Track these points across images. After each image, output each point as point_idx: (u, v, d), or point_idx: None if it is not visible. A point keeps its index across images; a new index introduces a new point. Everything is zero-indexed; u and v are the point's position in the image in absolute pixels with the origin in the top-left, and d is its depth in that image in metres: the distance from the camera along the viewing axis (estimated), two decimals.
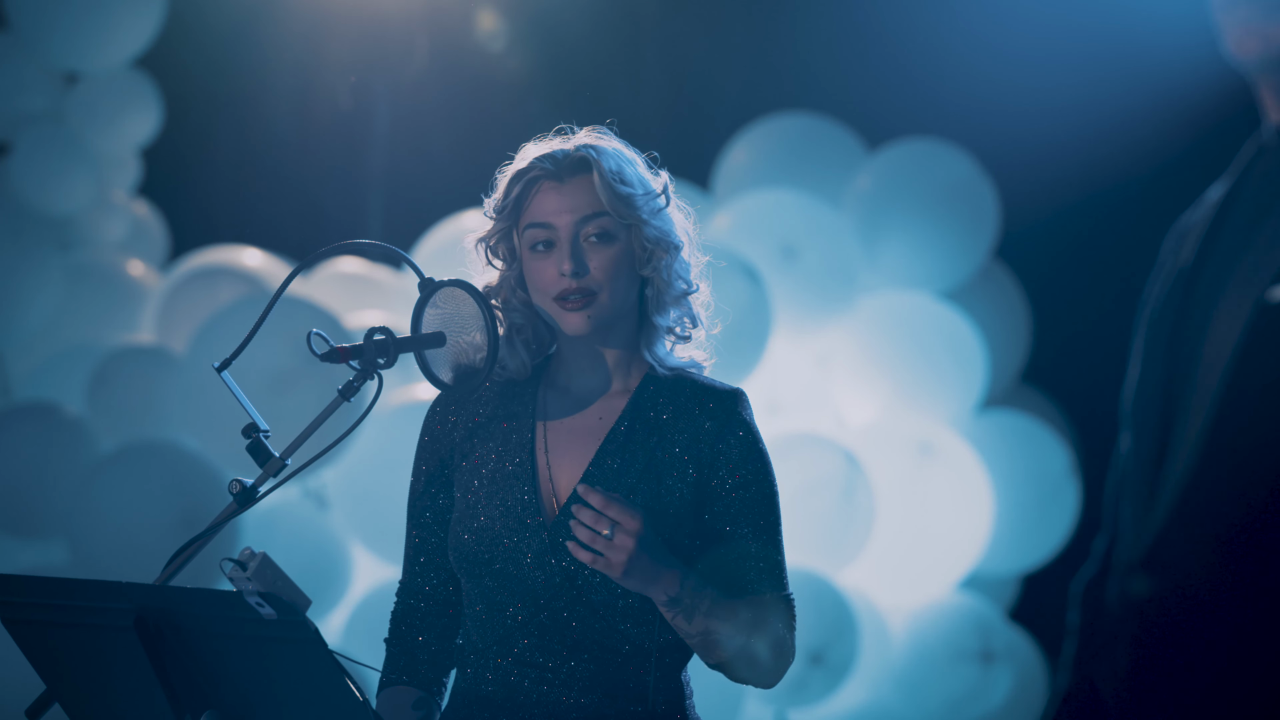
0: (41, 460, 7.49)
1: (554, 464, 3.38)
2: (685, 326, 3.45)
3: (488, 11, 10.02)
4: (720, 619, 3.23)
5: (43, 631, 3.14)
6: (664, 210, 3.39)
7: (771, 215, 8.32)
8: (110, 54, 8.64)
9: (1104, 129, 8.49)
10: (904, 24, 9.33)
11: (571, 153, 3.36)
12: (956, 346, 8.32)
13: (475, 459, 3.42)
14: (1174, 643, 1.91)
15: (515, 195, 3.37)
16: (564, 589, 3.29)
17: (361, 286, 8.51)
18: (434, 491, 3.47)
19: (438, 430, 3.50)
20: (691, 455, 3.34)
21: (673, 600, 3.19)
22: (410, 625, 3.49)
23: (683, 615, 3.21)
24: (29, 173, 8.53)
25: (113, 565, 6.82)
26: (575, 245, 3.32)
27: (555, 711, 3.30)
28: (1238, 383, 1.88)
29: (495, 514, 3.35)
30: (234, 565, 2.91)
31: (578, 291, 3.30)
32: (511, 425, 3.43)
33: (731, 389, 3.43)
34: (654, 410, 3.38)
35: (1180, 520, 1.93)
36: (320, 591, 7.32)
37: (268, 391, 6.89)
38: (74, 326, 8.47)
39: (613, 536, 3.11)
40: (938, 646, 8.02)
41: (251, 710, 3.01)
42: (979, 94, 8.95)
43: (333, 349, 3.23)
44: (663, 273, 3.38)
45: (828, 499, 7.65)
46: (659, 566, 3.16)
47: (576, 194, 3.33)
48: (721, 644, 3.24)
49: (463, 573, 3.38)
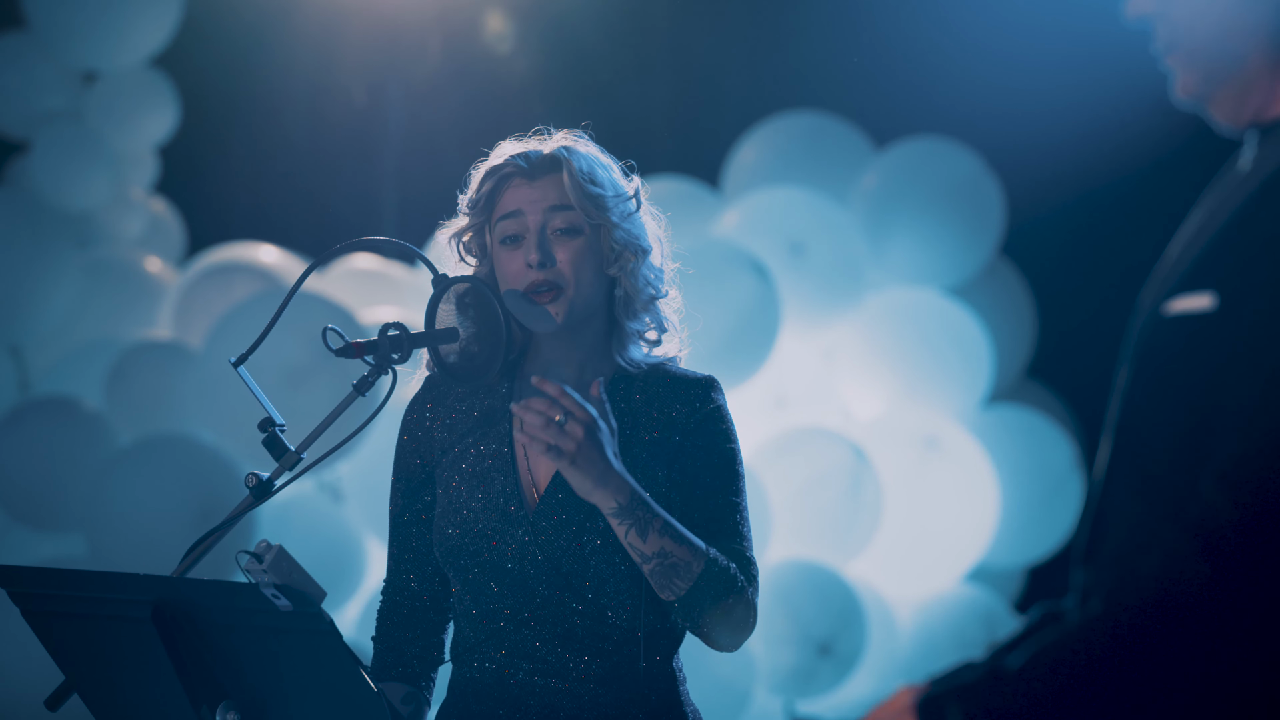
0: (60, 454, 7.50)
1: (532, 456, 3.37)
2: (655, 333, 3.43)
3: (499, 13, 10.06)
4: (675, 541, 3.18)
5: (62, 623, 3.14)
6: (634, 214, 3.39)
7: (780, 212, 8.36)
8: (128, 53, 8.68)
9: (1108, 127, 8.48)
10: (910, 25, 9.36)
11: (544, 152, 3.37)
12: (962, 342, 8.38)
13: (455, 454, 3.43)
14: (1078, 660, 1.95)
15: (487, 190, 3.39)
16: (549, 577, 3.28)
17: (376, 283, 8.55)
18: (416, 489, 3.48)
19: (416, 429, 3.50)
20: (665, 441, 3.35)
21: (621, 509, 3.14)
22: (397, 622, 3.49)
23: (635, 529, 3.15)
24: (48, 170, 8.56)
25: (130, 557, 6.84)
26: (542, 236, 3.31)
27: (549, 701, 3.31)
28: (1132, 396, 1.94)
29: (477, 506, 3.35)
30: (250, 558, 2.94)
31: (545, 283, 3.30)
32: (489, 420, 3.43)
33: (704, 376, 3.41)
34: (626, 401, 3.37)
35: (1091, 535, 1.99)
36: (335, 583, 7.37)
37: (283, 386, 6.92)
38: (92, 322, 8.50)
39: (564, 424, 3.10)
40: (944, 638, 8.05)
41: (267, 700, 3.00)
42: (984, 93, 8.96)
43: (347, 344, 3.25)
44: (631, 276, 3.37)
45: (835, 492, 7.68)
46: (609, 465, 3.12)
47: (546, 188, 3.34)
48: (680, 571, 3.18)
49: (449, 567, 3.38)
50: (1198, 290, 1.90)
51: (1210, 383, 1.87)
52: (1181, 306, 1.91)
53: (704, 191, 8.74)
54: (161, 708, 3.08)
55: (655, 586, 3.23)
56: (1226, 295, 1.87)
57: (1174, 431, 1.89)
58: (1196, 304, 1.89)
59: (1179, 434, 1.89)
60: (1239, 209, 1.90)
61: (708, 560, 3.21)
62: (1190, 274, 1.92)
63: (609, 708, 3.31)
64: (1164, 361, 1.92)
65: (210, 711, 2.99)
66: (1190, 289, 1.91)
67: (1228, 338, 1.86)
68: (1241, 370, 1.84)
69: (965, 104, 9.06)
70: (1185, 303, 1.91)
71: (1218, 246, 1.91)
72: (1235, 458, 1.84)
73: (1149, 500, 1.90)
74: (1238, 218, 1.90)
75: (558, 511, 3.31)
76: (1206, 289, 1.89)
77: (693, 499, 3.33)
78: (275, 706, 3.01)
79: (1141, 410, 1.93)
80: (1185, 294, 1.91)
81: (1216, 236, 1.91)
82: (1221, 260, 1.90)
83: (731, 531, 3.32)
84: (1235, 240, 1.89)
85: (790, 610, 7.51)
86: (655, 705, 3.34)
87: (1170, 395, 1.90)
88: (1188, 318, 1.90)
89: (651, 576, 3.21)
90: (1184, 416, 1.88)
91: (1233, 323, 1.86)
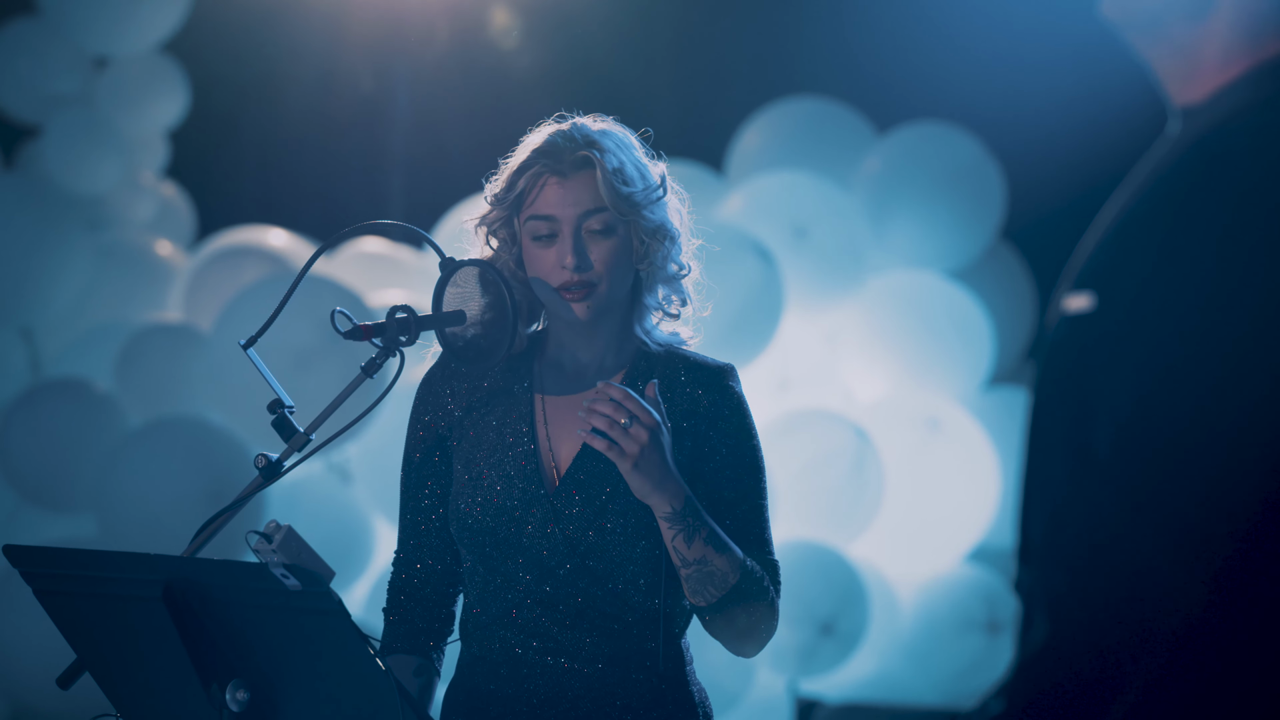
0: (71, 435, 7.55)
1: (554, 436, 3.38)
2: (674, 304, 3.44)
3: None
4: (717, 550, 3.22)
5: (73, 602, 3.14)
6: (662, 200, 3.39)
7: (783, 196, 8.40)
8: (138, 39, 8.73)
9: (1108, 111, 8.47)
10: (912, 10, 9.39)
11: (574, 150, 3.34)
12: (963, 324, 8.42)
13: (475, 433, 3.43)
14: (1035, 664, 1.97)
15: (520, 189, 3.37)
16: (567, 558, 3.29)
17: (384, 266, 8.59)
18: (429, 466, 3.47)
19: (433, 406, 3.49)
20: (687, 428, 3.35)
21: (675, 514, 3.19)
22: (408, 595, 3.49)
23: (683, 535, 3.20)
24: (59, 155, 8.62)
25: (141, 538, 6.85)
26: (578, 238, 3.31)
27: (561, 680, 3.32)
28: (1039, 395, 1.99)
29: (498, 485, 3.35)
30: (259, 538, 2.94)
31: (579, 284, 3.31)
32: (510, 399, 3.43)
33: (723, 364, 3.43)
34: (646, 384, 3.34)
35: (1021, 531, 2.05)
36: (343, 563, 7.39)
37: (292, 368, 6.95)
38: (103, 305, 8.55)
39: (629, 426, 3.14)
40: (946, 617, 8.07)
41: (276, 679, 3.00)
42: (985, 78, 8.99)
43: (355, 327, 3.25)
44: (660, 260, 3.38)
45: (838, 473, 7.72)
46: (668, 470, 3.17)
47: (579, 189, 3.32)
48: (716, 579, 3.23)
49: (465, 544, 3.39)
50: (1084, 289, 1.93)
51: (1089, 384, 1.90)
52: (1070, 306, 1.94)
53: (708, 176, 8.78)
54: (172, 686, 3.08)
55: (688, 590, 3.27)
56: (1102, 296, 1.91)
57: (1064, 431, 1.93)
58: (1079, 304, 1.93)
59: (1068, 433, 1.92)
60: (1126, 208, 1.95)
61: (743, 571, 3.25)
62: (1082, 273, 1.95)
63: (616, 687, 3.33)
64: (1055, 361, 1.96)
65: (220, 690, 3.00)
66: (1080, 287, 1.94)
67: (1100, 339, 1.90)
68: (1112, 372, 1.89)
69: (966, 89, 9.09)
70: (1073, 302, 1.94)
71: (1102, 248, 1.94)
72: (1106, 460, 1.89)
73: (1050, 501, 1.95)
74: (1121, 219, 1.94)
75: (578, 492, 3.32)
76: (1090, 288, 1.93)
77: (720, 502, 3.35)
78: (284, 685, 3.01)
79: (1041, 412, 1.97)
80: (1076, 293, 1.94)
81: (1104, 237, 1.95)
82: (1101, 262, 1.94)
83: (758, 539, 3.36)
84: (1114, 243, 1.93)
85: (793, 590, 7.52)
86: (662, 685, 3.35)
87: (1061, 396, 1.94)
88: (1072, 318, 1.93)
89: (687, 581, 3.25)
90: (1072, 414, 1.92)
91: (1105, 324, 1.90)
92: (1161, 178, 1.95)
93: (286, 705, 3.03)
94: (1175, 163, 1.96)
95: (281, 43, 10.14)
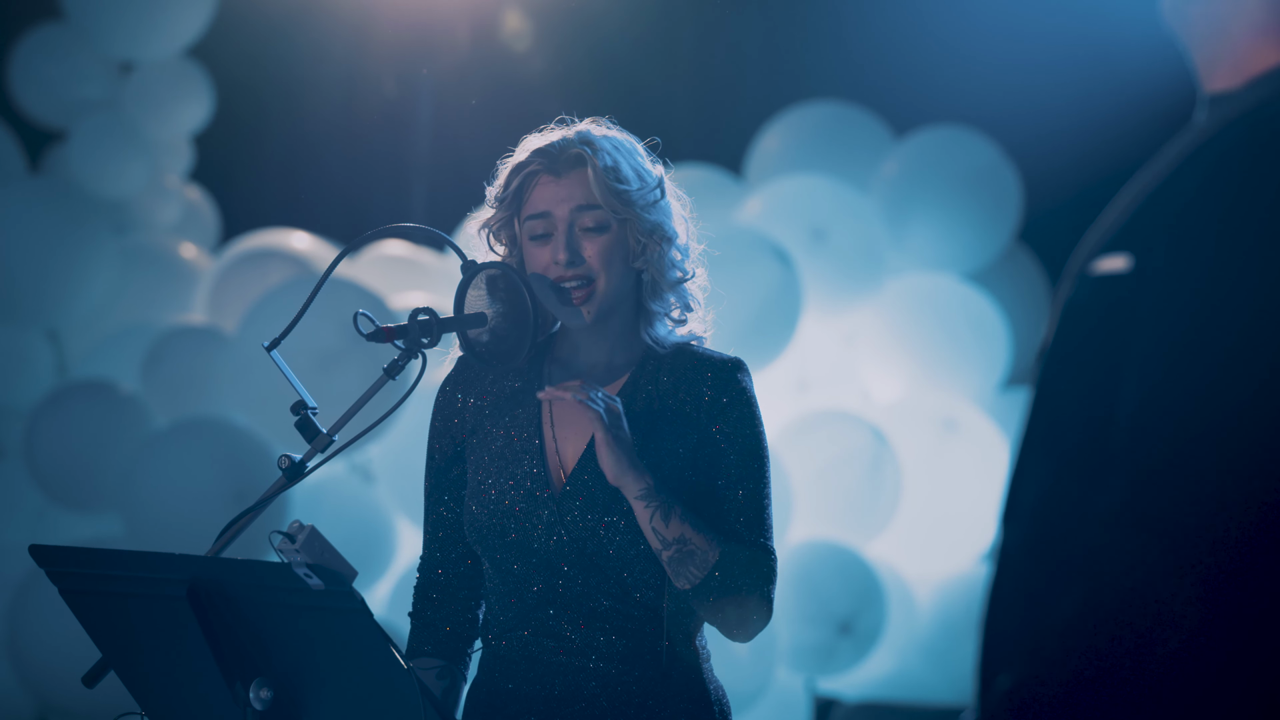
0: (97, 436, 7.56)
1: (560, 437, 3.40)
2: (681, 312, 3.45)
3: (526, 4, 10.12)
4: (695, 528, 3.24)
5: (99, 602, 3.16)
6: (659, 202, 3.40)
7: (802, 199, 8.42)
8: (164, 44, 8.78)
9: (1125, 114, 8.47)
10: (930, 15, 9.39)
11: (568, 148, 3.38)
12: (980, 326, 8.44)
13: (484, 435, 3.45)
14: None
15: (515, 188, 3.41)
16: (574, 557, 3.31)
17: (406, 269, 8.61)
18: (449, 470, 3.49)
19: (448, 411, 3.52)
20: (691, 424, 3.37)
21: (649, 490, 3.22)
22: (432, 599, 3.51)
23: (660, 513, 3.22)
24: (86, 158, 8.66)
25: (166, 538, 6.85)
26: (570, 234, 3.35)
27: (576, 679, 3.34)
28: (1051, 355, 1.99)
29: (505, 487, 3.37)
30: (283, 538, 2.95)
31: (575, 279, 3.34)
32: (519, 401, 3.46)
33: (731, 358, 3.43)
34: (654, 384, 3.40)
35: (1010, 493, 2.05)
36: (366, 563, 7.43)
37: (316, 370, 6.97)
38: (129, 307, 8.56)
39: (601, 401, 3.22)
40: (963, 616, 8.06)
41: (299, 678, 3.02)
42: (1002, 82, 8.98)
43: (378, 329, 3.26)
44: (658, 262, 3.39)
45: (855, 473, 7.74)
46: (634, 454, 3.24)
47: (572, 185, 3.36)
48: (696, 559, 3.24)
49: (478, 546, 3.41)
50: (1118, 252, 1.94)
51: (1118, 343, 1.90)
52: (1102, 268, 1.95)
53: (727, 179, 8.80)
54: (196, 685, 3.10)
55: (671, 574, 3.28)
56: (1140, 258, 1.91)
57: (1083, 390, 1.93)
58: (1114, 265, 1.93)
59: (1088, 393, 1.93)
60: (1162, 177, 1.94)
61: (723, 551, 3.26)
62: (1115, 236, 1.96)
63: (633, 685, 3.34)
64: (1079, 320, 1.96)
65: (244, 688, 3.01)
66: (1112, 250, 1.95)
67: (1136, 299, 1.90)
68: (1144, 332, 1.88)
69: (983, 93, 9.08)
70: (1105, 264, 1.95)
71: (1140, 212, 1.95)
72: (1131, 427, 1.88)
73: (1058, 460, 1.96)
74: (1160, 185, 1.94)
75: (584, 492, 3.33)
76: (1125, 251, 1.93)
77: (717, 488, 3.36)
78: (308, 684, 3.03)
79: (1056, 369, 1.98)
80: (1108, 255, 1.95)
81: (1142, 202, 1.95)
82: (1140, 225, 1.94)
83: (753, 523, 3.36)
84: (1153, 206, 1.94)
85: (811, 589, 7.55)
86: (679, 683, 3.37)
87: (1083, 355, 1.94)
88: (1105, 278, 1.94)
89: (669, 564, 3.27)
90: (1093, 376, 1.92)
91: (1141, 285, 1.90)
92: (1216, 150, 1.94)
93: (310, 704, 3.05)
94: (1231, 134, 1.95)
95: (305, 47, 10.16)
